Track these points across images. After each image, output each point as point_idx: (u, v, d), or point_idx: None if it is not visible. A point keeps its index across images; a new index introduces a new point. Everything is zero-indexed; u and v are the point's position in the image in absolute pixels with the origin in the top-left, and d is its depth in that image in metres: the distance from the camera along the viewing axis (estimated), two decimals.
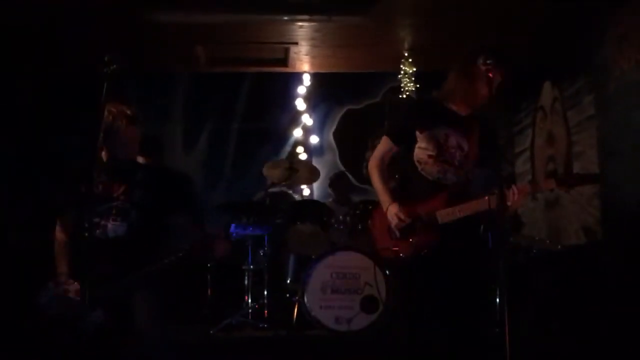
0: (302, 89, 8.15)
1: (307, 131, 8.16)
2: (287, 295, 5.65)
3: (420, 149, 3.48)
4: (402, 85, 7.22)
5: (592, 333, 4.57)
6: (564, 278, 5.11)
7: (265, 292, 5.69)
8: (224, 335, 5.25)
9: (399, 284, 3.68)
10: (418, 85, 7.13)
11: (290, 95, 8.15)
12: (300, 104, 8.14)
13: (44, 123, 7.41)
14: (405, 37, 7.00)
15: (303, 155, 8.04)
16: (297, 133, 8.10)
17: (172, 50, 7.28)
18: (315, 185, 7.72)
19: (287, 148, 8.06)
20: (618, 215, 5.44)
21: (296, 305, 5.27)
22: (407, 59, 7.19)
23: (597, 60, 5.80)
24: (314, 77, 8.14)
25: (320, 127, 8.23)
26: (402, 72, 7.22)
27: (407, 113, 3.73)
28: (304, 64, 7.92)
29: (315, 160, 8.00)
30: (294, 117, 8.14)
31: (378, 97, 8.14)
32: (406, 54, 7.19)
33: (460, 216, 3.36)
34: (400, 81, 7.25)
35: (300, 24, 6.73)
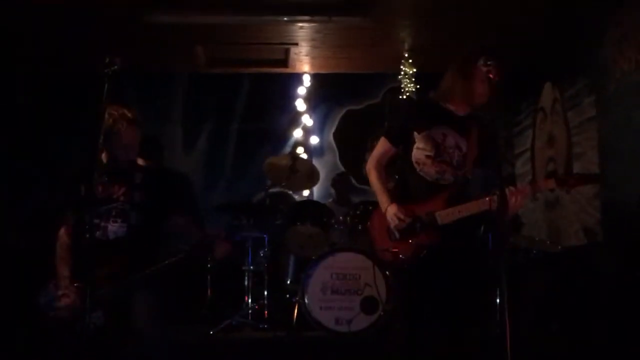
0: (302, 90, 8.15)
1: (307, 132, 8.15)
2: (287, 296, 5.65)
3: (418, 150, 3.47)
4: (402, 85, 7.21)
5: (592, 334, 4.57)
6: (564, 279, 5.10)
7: (265, 293, 5.69)
8: (223, 336, 5.25)
9: (399, 284, 3.66)
10: (418, 86, 7.12)
11: (290, 96, 8.14)
12: (300, 105, 8.14)
13: (43, 123, 7.41)
14: (405, 37, 7.00)
15: (303, 156, 8.03)
16: (297, 134, 8.09)
17: (172, 51, 7.28)
18: (315, 186, 7.70)
19: (287, 149, 8.05)
20: (618, 215, 5.43)
21: (296, 306, 5.27)
22: (407, 59, 7.18)
23: (597, 61, 5.79)
24: (314, 77, 8.14)
25: (320, 128, 8.22)
26: (402, 72, 7.21)
27: (404, 114, 3.72)
28: (304, 64, 7.92)
29: (315, 161, 7.99)
30: (294, 118, 8.14)
31: (378, 98, 8.14)
32: (406, 54, 7.18)
33: (460, 217, 3.36)
34: (400, 82, 7.24)
35: (300, 24, 6.72)
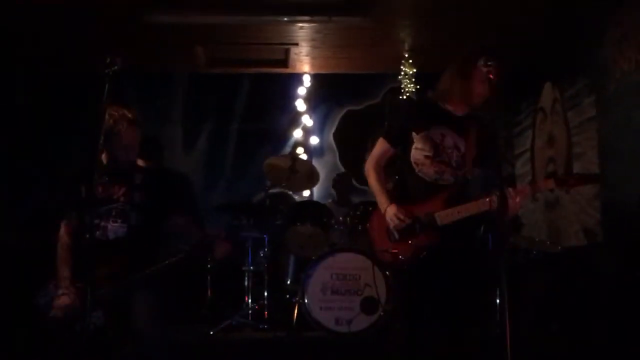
0: (302, 90, 8.14)
1: (307, 132, 8.14)
2: (287, 296, 5.65)
3: (417, 150, 3.47)
4: (402, 86, 7.21)
5: (592, 334, 4.56)
6: (564, 279, 5.10)
7: (265, 293, 5.69)
8: (223, 336, 5.25)
9: (399, 285, 3.66)
10: (418, 86, 7.12)
11: (290, 96, 8.14)
12: (300, 105, 8.14)
13: (43, 123, 7.41)
14: (406, 37, 6.99)
15: (303, 156, 8.03)
16: (297, 134, 8.09)
17: (172, 51, 7.27)
18: (315, 186, 7.70)
19: (287, 149, 8.05)
20: (618, 216, 5.43)
21: (296, 306, 5.27)
22: (407, 59, 7.18)
23: (597, 61, 5.79)
24: (314, 78, 8.14)
25: (320, 128, 8.21)
26: (402, 73, 7.21)
27: (402, 114, 3.72)
28: (304, 64, 7.92)
29: (315, 161, 7.99)
30: (294, 118, 8.13)
31: (378, 98, 8.13)
32: (406, 54, 7.18)
33: (460, 217, 3.36)
34: (400, 82, 7.23)
35: (300, 25, 6.72)
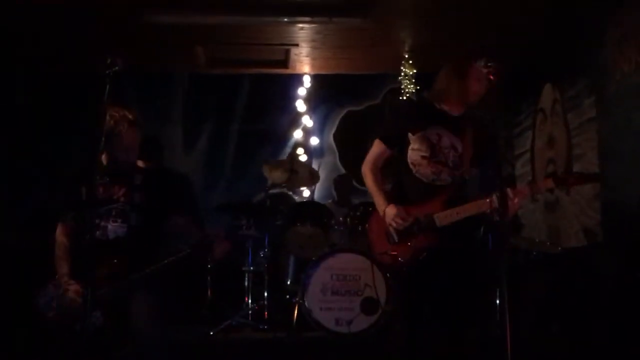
0: (302, 91, 8.14)
1: (308, 133, 8.14)
2: (287, 296, 5.64)
3: (414, 151, 3.47)
4: (402, 86, 7.21)
5: (593, 335, 4.56)
6: (564, 280, 5.10)
7: (265, 294, 5.69)
8: (223, 337, 5.24)
9: (399, 285, 3.66)
10: (418, 86, 7.11)
11: (290, 97, 8.14)
12: (300, 106, 8.13)
13: (43, 123, 7.40)
14: (406, 38, 6.99)
15: (303, 157, 8.03)
16: (298, 134, 8.09)
17: (172, 51, 7.27)
18: (315, 187, 7.70)
19: (287, 149, 8.05)
20: (618, 217, 5.42)
21: (296, 307, 5.27)
22: (407, 60, 7.18)
23: (597, 62, 5.78)
24: (315, 78, 8.13)
25: (320, 129, 8.21)
26: (402, 73, 7.21)
27: (397, 115, 3.71)
28: (305, 65, 7.91)
29: (315, 162, 7.99)
30: (294, 119, 8.13)
31: (378, 99, 8.14)
32: (406, 55, 7.18)
33: (459, 218, 3.35)
34: (400, 83, 7.23)
35: (300, 25, 6.71)
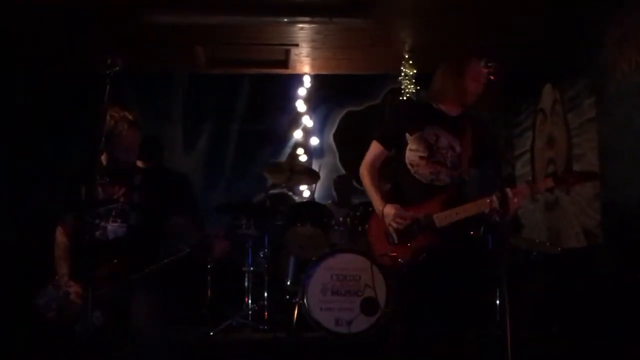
0: (302, 91, 8.14)
1: (308, 133, 8.14)
2: (287, 297, 5.64)
3: (411, 151, 3.46)
4: (402, 87, 7.21)
5: (593, 335, 4.56)
6: (564, 280, 5.09)
7: (265, 294, 5.68)
8: (223, 337, 5.24)
9: (399, 286, 3.65)
10: (419, 87, 7.11)
11: (290, 97, 8.13)
12: (300, 106, 8.13)
13: (43, 123, 7.40)
14: (406, 38, 6.99)
15: (303, 157, 8.03)
16: (298, 135, 8.08)
17: (172, 51, 7.27)
18: (315, 187, 7.70)
19: (287, 150, 8.05)
20: (618, 217, 5.42)
21: (296, 307, 5.26)
22: (407, 60, 7.17)
23: (597, 62, 5.78)
24: (315, 78, 8.13)
25: (320, 129, 8.21)
26: (402, 73, 7.21)
27: (394, 116, 3.69)
28: (305, 65, 7.91)
29: (315, 162, 7.99)
30: (294, 119, 8.13)
31: (378, 99, 8.13)
32: (407, 55, 7.18)
33: (458, 218, 3.35)
34: (400, 83, 7.23)
35: (300, 25, 6.71)
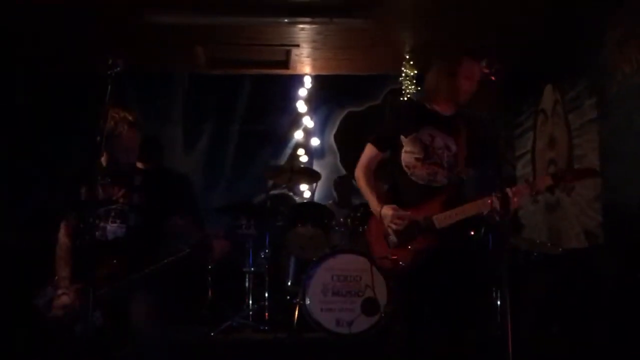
0: (303, 91, 8.14)
1: (308, 133, 8.14)
2: (288, 297, 5.64)
3: (407, 153, 3.45)
4: (403, 87, 7.21)
5: (593, 336, 4.55)
6: (564, 281, 5.09)
7: (266, 294, 5.68)
8: (224, 337, 5.24)
9: (399, 286, 3.64)
10: (419, 87, 7.11)
11: (291, 98, 8.14)
12: (301, 106, 8.13)
13: (43, 123, 7.40)
14: (406, 39, 6.99)
15: (304, 158, 8.03)
16: (298, 135, 8.08)
17: (173, 51, 7.27)
18: (316, 188, 7.70)
19: (288, 150, 8.05)
20: (619, 218, 5.41)
21: (297, 308, 5.26)
22: (408, 61, 7.18)
23: (598, 62, 5.77)
24: (315, 79, 8.13)
25: (321, 130, 8.21)
26: (403, 74, 7.21)
27: (388, 118, 3.67)
28: (305, 66, 7.91)
29: (316, 163, 7.99)
30: (295, 120, 8.13)
31: (379, 100, 8.13)
32: (407, 56, 7.18)
33: (458, 219, 3.34)
34: (401, 83, 7.23)
35: (301, 26, 6.71)
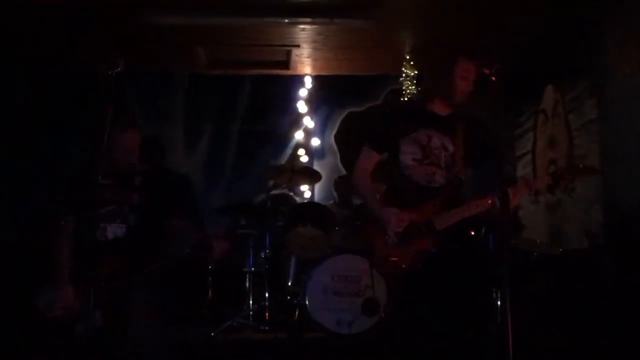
0: (303, 92, 8.14)
1: (309, 134, 8.14)
2: (288, 297, 5.64)
3: (405, 154, 3.45)
4: (403, 87, 7.21)
5: (593, 336, 4.55)
6: (565, 281, 5.09)
7: (267, 295, 5.68)
8: (224, 337, 5.25)
9: (399, 287, 3.64)
10: (419, 87, 7.11)
11: (291, 98, 8.14)
12: (301, 107, 8.13)
13: (43, 123, 7.40)
14: (407, 39, 7.00)
15: (304, 158, 8.03)
16: (299, 135, 8.08)
17: (173, 51, 7.27)
18: (316, 188, 7.70)
19: (288, 150, 8.05)
20: (620, 218, 5.41)
21: (297, 308, 5.26)
22: (408, 61, 7.18)
23: (598, 63, 5.77)
24: (316, 79, 8.13)
25: (321, 130, 8.21)
26: (403, 74, 7.21)
27: (385, 121, 3.65)
28: (306, 66, 7.92)
29: (316, 163, 7.99)
30: (295, 120, 8.13)
31: (379, 100, 8.13)
32: (407, 56, 7.18)
33: (458, 219, 3.34)
34: (401, 84, 7.24)
35: (302, 26, 6.72)
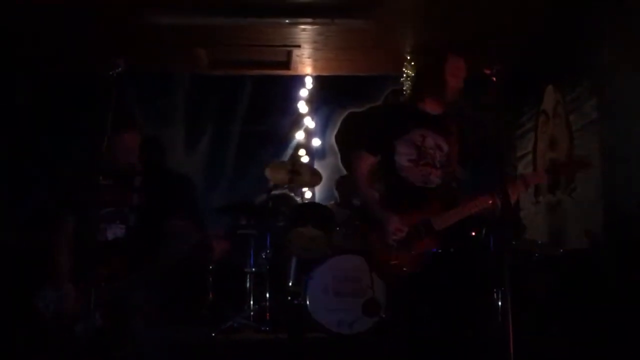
0: (304, 92, 8.14)
1: (309, 134, 8.14)
2: (289, 298, 5.63)
3: (400, 156, 3.45)
4: (404, 88, 7.21)
5: (594, 336, 4.55)
6: (565, 281, 5.09)
7: (267, 295, 5.68)
8: (225, 338, 5.24)
9: (400, 288, 3.64)
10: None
11: (292, 98, 8.14)
12: (302, 107, 8.13)
13: (43, 123, 7.40)
14: (407, 39, 7.00)
15: (305, 158, 8.03)
16: (299, 136, 8.08)
17: (174, 52, 7.26)
18: (317, 188, 7.70)
19: (289, 151, 8.05)
20: (620, 218, 5.41)
21: (298, 308, 5.25)
22: (409, 61, 7.18)
23: (598, 63, 5.77)
24: (316, 80, 8.13)
25: (322, 130, 8.20)
26: (404, 74, 7.21)
27: (379, 123, 3.65)
28: (306, 66, 7.92)
29: (317, 163, 7.98)
30: (296, 120, 8.13)
31: (380, 100, 8.12)
32: (408, 56, 7.18)
33: (457, 219, 3.34)
34: (402, 84, 7.23)
35: (302, 27, 6.72)
